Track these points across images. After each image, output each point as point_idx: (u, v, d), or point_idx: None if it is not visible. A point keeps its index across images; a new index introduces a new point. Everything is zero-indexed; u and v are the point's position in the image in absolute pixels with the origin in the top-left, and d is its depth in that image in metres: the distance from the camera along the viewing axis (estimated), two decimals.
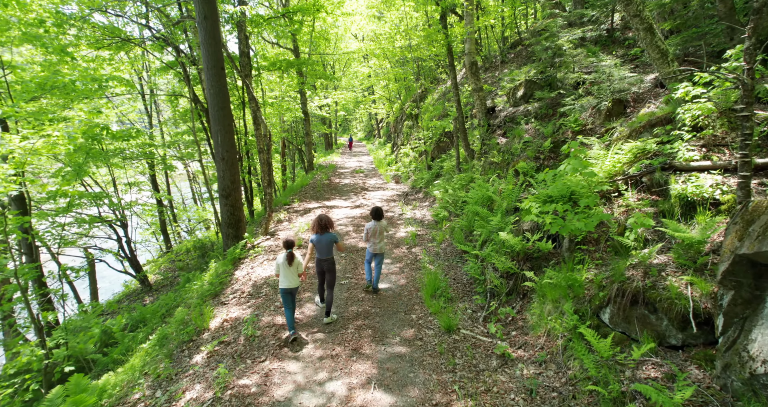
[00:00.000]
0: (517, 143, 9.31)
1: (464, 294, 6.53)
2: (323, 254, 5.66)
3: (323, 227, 5.59)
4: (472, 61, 11.10)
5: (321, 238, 5.59)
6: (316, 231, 5.60)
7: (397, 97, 27.99)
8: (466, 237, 8.24)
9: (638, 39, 6.77)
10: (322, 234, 5.59)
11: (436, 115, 17.49)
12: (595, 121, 7.92)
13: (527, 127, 9.69)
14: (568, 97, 8.94)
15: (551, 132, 8.48)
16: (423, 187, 14.14)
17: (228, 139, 9.28)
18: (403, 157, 20.59)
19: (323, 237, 5.59)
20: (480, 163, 10.45)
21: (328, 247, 5.66)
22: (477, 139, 11.65)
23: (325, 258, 5.68)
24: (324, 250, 5.65)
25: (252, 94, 10.90)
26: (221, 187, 9.36)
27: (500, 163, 9.37)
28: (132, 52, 13.68)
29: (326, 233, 5.61)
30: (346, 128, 68.07)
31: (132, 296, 12.81)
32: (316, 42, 21.95)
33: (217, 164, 9.38)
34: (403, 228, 10.32)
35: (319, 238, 5.59)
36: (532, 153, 8.39)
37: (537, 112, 9.76)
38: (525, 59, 16.83)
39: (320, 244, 5.61)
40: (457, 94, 11.35)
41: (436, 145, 15.11)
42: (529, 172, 8.02)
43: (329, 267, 5.71)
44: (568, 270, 5.29)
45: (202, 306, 6.29)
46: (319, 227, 5.57)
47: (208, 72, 8.97)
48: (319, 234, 5.59)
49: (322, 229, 5.58)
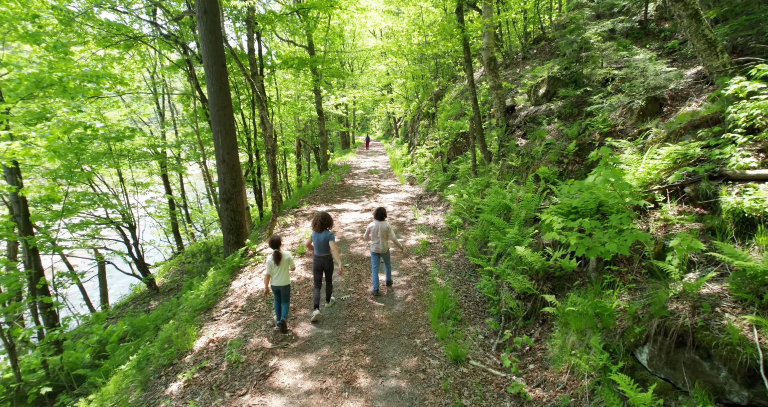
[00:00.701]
0: (538, 145, 8.55)
1: (476, 314, 5.86)
2: (321, 251, 5.84)
3: (323, 225, 5.81)
4: (491, 57, 10.35)
5: (319, 236, 5.80)
6: (315, 229, 5.83)
7: (414, 95, 27.29)
8: (481, 248, 7.55)
9: (680, 28, 5.95)
10: (321, 232, 5.80)
11: (453, 115, 16.74)
12: (626, 122, 7.10)
13: (549, 128, 8.91)
14: (595, 95, 8.13)
15: (576, 133, 7.70)
16: (438, 189, 13.44)
17: (229, 140, 8.82)
18: (419, 158, 19.90)
19: (321, 235, 5.80)
20: (497, 167, 9.71)
21: (326, 245, 5.81)
22: (495, 140, 10.90)
23: (324, 256, 5.85)
24: (322, 248, 5.83)
25: (258, 94, 10.43)
26: (222, 191, 8.91)
27: (519, 167, 8.62)
28: (143, 51, 13.41)
29: (324, 231, 5.81)
30: (365, 127, 67.62)
31: (138, 299, 12.56)
32: (332, 39, 21.44)
33: (217, 166, 8.94)
34: (414, 236, 9.68)
35: (318, 236, 5.81)
36: (554, 156, 7.63)
37: (560, 111, 8.96)
38: (548, 55, 15.91)
39: (319, 242, 5.82)
40: (473, 92, 10.63)
41: (452, 146, 14.38)
42: (551, 177, 7.27)
43: (328, 265, 5.90)
44: (595, 294, 4.57)
45: (186, 325, 5.80)
46: (320, 225, 5.80)
47: (209, 69, 8.51)
48: (317, 232, 5.81)
49: (322, 227, 5.80)
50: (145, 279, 12.79)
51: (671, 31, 8.93)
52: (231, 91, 15.11)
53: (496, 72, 10.39)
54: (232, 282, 7.60)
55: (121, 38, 11.60)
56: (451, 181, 13.16)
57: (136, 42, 12.18)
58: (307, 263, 8.18)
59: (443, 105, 18.90)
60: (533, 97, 10.17)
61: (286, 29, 17.96)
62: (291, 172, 29.03)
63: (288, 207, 13.17)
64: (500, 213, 7.61)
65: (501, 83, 10.46)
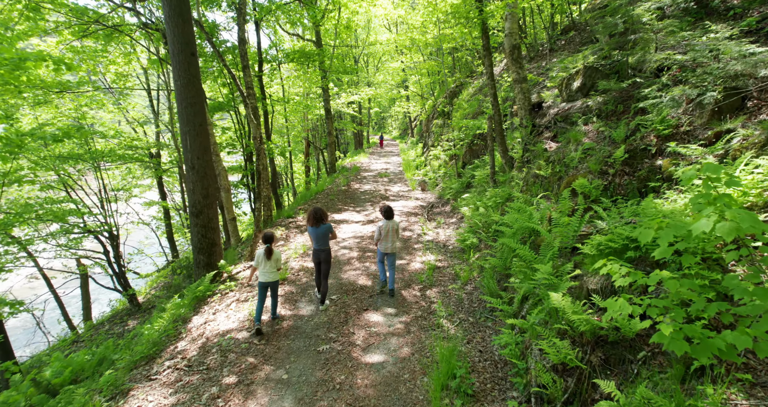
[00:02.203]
0: (573, 151, 6.91)
1: (494, 384, 4.29)
2: (320, 245, 5.85)
3: (318, 219, 5.76)
4: (514, 44, 8.73)
5: (317, 230, 5.76)
6: (311, 224, 5.76)
7: (430, 92, 25.68)
8: (500, 280, 5.97)
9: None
10: (318, 226, 5.76)
11: (470, 113, 15.11)
12: (694, 121, 5.42)
13: (586, 129, 7.25)
14: (647, 88, 6.45)
15: (624, 136, 6.04)
16: (451, 198, 11.85)
17: (200, 142, 7.44)
18: (432, 160, 18.31)
19: (319, 229, 5.76)
20: (521, 175, 8.09)
21: (325, 238, 5.84)
22: (518, 143, 9.27)
23: (322, 249, 5.88)
24: (321, 241, 5.83)
25: (241, 89, 9.04)
26: (191, 203, 7.54)
27: (549, 178, 7.00)
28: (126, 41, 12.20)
29: (321, 225, 5.77)
30: (382, 126, 66.19)
31: (116, 318, 11.36)
32: (341, 32, 20.02)
33: (186, 174, 7.57)
34: (420, 257, 8.14)
35: (315, 230, 5.77)
36: (595, 165, 5.99)
37: (600, 108, 7.29)
38: (578, 46, 14.17)
39: (317, 235, 5.79)
40: (492, 86, 9.02)
41: (468, 149, 12.77)
42: (592, 193, 5.64)
43: (325, 257, 5.90)
44: (677, 379, 2.99)
45: (108, 388, 4.41)
46: (314, 220, 5.75)
47: (175, 58, 7.14)
48: (314, 226, 5.76)
49: (317, 222, 5.76)
50: (125, 294, 11.58)
51: (743, 7, 7.16)
52: (224, 87, 13.83)
53: (521, 62, 8.76)
54: (193, 318, 6.20)
55: (100, 27, 10.38)
56: (466, 188, 11.56)
57: (117, 33, 10.96)
58: (286, 293, 6.73)
59: (460, 102, 17.27)
60: (565, 91, 8.51)
61: (290, 21, 16.60)
62: (299, 174, 27.76)
63: (282, 217, 11.77)
64: (525, 238, 6.02)
65: (526, 75, 8.83)
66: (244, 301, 6.50)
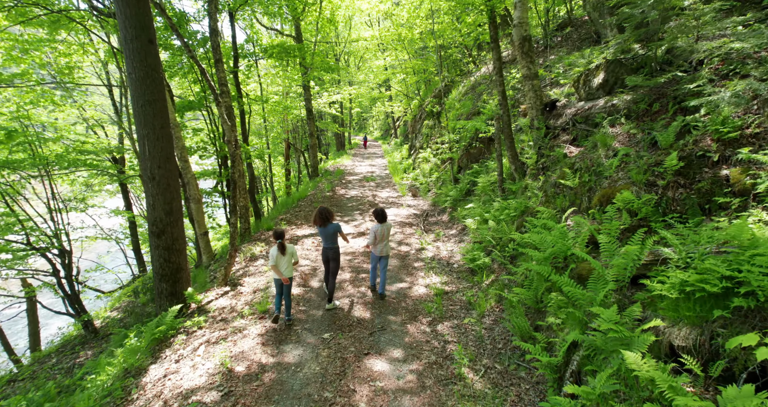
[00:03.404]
0: (604, 156, 5.94)
1: None
2: (329, 243, 5.88)
3: (324, 219, 5.78)
4: (524, 36, 7.74)
5: (325, 230, 5.80)
6: (319, 225, 5.78)
7: (415, 92, 24.65)
8: (529, 314, 4.94)
9: None
10: (326, 226, 5.78)
11: (464, 113, 14.13)
12: (765, 122, 4.50)
13: (614, 131, 6.31)
14: (690, 83, 5.53)
15: (672, 139, 5.09)
16: (449, 207, 10.82)
17: (161, 147, 6.18)
18: (422, 163, 17.29)
19: (327, 228, 5.80)
20: (537, 184, 7.10)
21: (334, 236, 5.88)
22: (528, 147, 8.30)
23: (331, 247, 5.89)
24: (330, 239, 5.86)
25: (212, 84, 7.79)
26: (151, 221, 6.26)
27: (576, 189, 6.01)
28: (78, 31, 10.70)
29: (329, 224, 5.80)
30: (362, 127, 65.04)
31: (67, 348, 9.89)
32: (323, 27, 18.78)
33: (144, 186, 6.29)
34: (423, 278, 7.07)
35: (324, 230, 5.81)
36: (639, 175, 5.02)
37: (630, 107, 6.36)
38: (577, 42, 13.40)
39: (326, 235, 5.83)
40: (501, 82, 8.03)
41: (465, 152, 11.77)
42: (641, 209, 4.65)
43: (334, 255, 5.92)
44: None
45: None
46: (321, 220, 5.76)
47: (128, 45, 5.86)
48: (322, 226, 5.78)
49: (324, 221, 5.77)
50: (78, 320, 10.13)
51: None
52: (196, 85, 12.46)
53: (531, 56, 7.79)
54: (150, 369, 4.95)
55: (44, 12, 8.93)
56: (465, 196, 10.54)
57: (65, 19, 9.51)
58: (267, 331, 5.54)
59: (450, 102, 16.28)
60: (583, 89, 7.57)
61: (268, 12, 15.29)
62: (279, 178, 26.35)
63: (260, 229, 10.51)
64: (557, 262, 5.01)
65: (537, 71, 7.86)
66: (216, 343, 5.29)
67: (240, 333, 5.51)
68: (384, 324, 5.58)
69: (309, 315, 5.96)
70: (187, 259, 6.55)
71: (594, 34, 12.63)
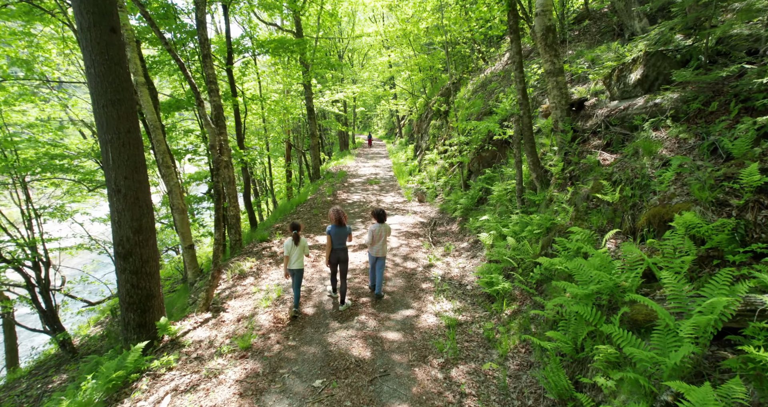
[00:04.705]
0: (649, 165, 4.99)
1: None
2: (341, 244, 5.91)
3: (339, 220, 5.86)
4: (548, 26, 6.78)
5: (339, 231, 5.86)
6: (335, 223, 5.88)
7: (421, 90, 23.66)
8: (568, 364, 4.00)
9: None
10: (340, 227, 5.87)
11: (474, 113, 13.17)
12: None
13: (659, 135, 5.35)
14: (764, 77, 4.55)
15: (747, 147, 4.12)
16: (459, 216, 9.88)
17: (128, 155, 5.30)
18: (428, 165, 16.35)
19: (341, 229, 5.88)
20: (564, 196, 6.15)
21: (345, 238, 5.95)
22: (552, 152, 7.35)
23: (342, 248, 5.95)
24: (342, 240, 5.92)
25: (191, 79, 6.90)
26: (116, 240, 5.38)
27: (616, 204, 5.05)
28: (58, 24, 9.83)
29: (342, 226, 5.89)
30: (367, 125, 64.24)
31: (41, 369, 9.07)
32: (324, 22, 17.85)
33: (109, 199, 5.40)
34: (433, 303, 6.15)
35: (338, 231, 5.86)
36: (704, 192, 4.06)
37: (679, 107, 5.39)
38: (597, 36, 12.43)
39: (338, 236, 5.88)
40: (521, 78, 7.07)
41: (477, 155, 10.82)
42: (712, 236, 3.69)
43: (345, 256, 5.99)
44: None
45: None
46: (337, 220, 5.86)
47: (85, 35, 4.98)
48: (337, 226, 5.86)
49: (339, 223, 5.86)
50: (55, 338, 9.30)
51: None
52: (183, 82, 11.57)
53: (556, 49, 6.83)
54: None
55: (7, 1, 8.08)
56: (477, 204, 9.60)
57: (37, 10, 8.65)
58: (248, 373, 4.64)
59: (459, 101, 15.31)
60: (616, 86, 6.60)
61: (265, 5, 14.37)
62: (280, 180, 25.46)
63: (253, 241, 9.60)
64: (599, 297, 4.06)
65: (562, 66, 6.90)
66: (185, 392, 4.40)
67: (215, 377, 4.62)
68: (387, 366, 4.67)
69: (299, 352, 5.06)
70: (160, 283, 5.67)
71: (616, 26, 11.64)
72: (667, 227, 4.13)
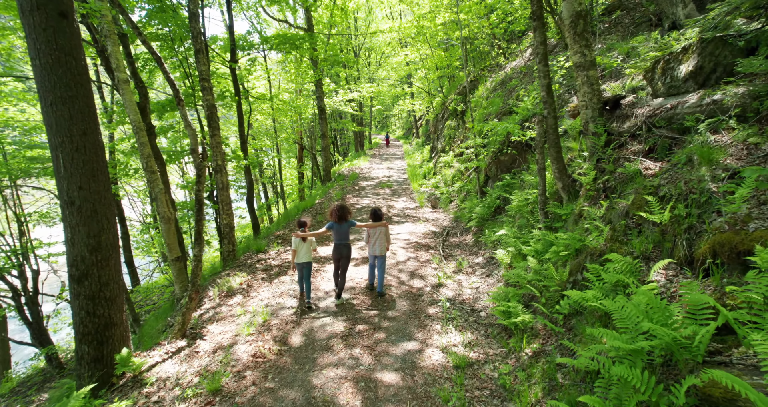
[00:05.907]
0: (710, 178, 3.98)
1: None
2: (343, 240, 5.96)
3: (341, 217, 5.86)
4: (578, 12, 5.80)
5: (341, 227, 5.88)
6: (335, 220, 5.86)
7: (438, 89, 22.68)
8: None
9: None
10: (341, 223, 5.87)
11: (492, 113, 12.17)
12: None
13: (720, 140, 4.33)
14: None
15: None
16: (474, 226, 8.93)
17: (83, 162, 4.57)
18: (443, 168, 15.39)
19: (342, 226, 5.89)
20: (597, 212, 5.15)
21: (347, 234, 5.98)
22: (580, 158, 6.35)
23: (345, 244, 5.98)
24: (344, 236, 5.96)
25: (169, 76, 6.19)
26: (70, 260, 4.65)
27: (666, 226, 4.05)
28: None
29: (344, 222, 5.89)
30: (385, 125, 63.55)
31: (25, 384, 8.54)
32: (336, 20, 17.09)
33: (62, 212, 4.69)
34: (440, 334, 5.25)
35: (339, 227, 5.87)
36: None
37: (746, 104, 4.35)
38: (630, 28, 11.32)
39: (340, 231, 5.90)
40: (546, 74, 6.10)
41: (494, 159, 9.84)
42: None
43: (347, 252, 6.00)
44: None
45: None
46: (338, 217, 5.85)
47: (27, 19, 4.26)
48: (338, 223, 5.86)
49: (341, 220, 5.86)
50: (41, 351, 8.76)
51: None
52: (183, 79, 10.94)
53: (588, 38, 5.84)
54: None
55: None
56: (493, 214, 8.64)
57: None
58: None
59: (477, 100, 14.31)
60: (661, 80, 5.56)
61: None
62: (292, 181, 24.85)
63: (249, 251, 8.85)
64: (664, 361, 3.10)
65: (594, 58, 5.90)
66: None
67: None
68: None
69: (277, 398, 4.23)
70: (123, 310, 4.93)
71: (653, 16, 10.49)
72: (742, 261, 3.14)
